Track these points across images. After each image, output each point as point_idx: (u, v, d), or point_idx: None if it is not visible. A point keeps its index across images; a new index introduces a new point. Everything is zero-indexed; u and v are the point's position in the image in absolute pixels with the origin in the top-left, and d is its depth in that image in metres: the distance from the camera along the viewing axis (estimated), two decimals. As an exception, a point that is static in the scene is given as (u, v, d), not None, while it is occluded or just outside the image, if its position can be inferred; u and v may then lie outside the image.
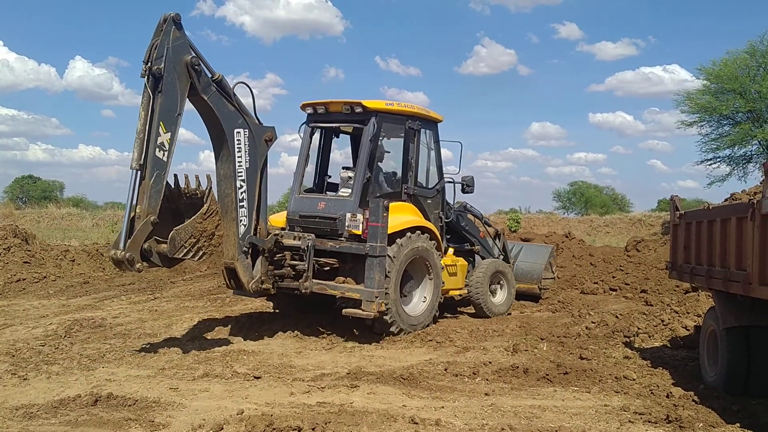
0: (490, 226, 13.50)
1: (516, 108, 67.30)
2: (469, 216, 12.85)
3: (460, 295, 12.22)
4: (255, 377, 7.57)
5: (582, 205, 55.69)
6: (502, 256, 13.27)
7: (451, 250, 11.91)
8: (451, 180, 11.86)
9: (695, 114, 29.72)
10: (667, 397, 6.72)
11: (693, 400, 6.56)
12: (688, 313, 10.21)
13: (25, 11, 66.93)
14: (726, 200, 8.15)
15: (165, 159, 8.35)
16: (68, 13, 65.80)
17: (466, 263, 12.21)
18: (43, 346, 9.04)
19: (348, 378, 7.53)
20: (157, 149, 8.26)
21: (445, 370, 7.91)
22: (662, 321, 10.06)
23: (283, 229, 10.73)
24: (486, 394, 6.93)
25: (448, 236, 12.08)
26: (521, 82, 65.10)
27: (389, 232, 9.90)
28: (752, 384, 6.78)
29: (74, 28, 66.28)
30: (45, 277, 15.86)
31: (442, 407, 6.47)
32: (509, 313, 12.43)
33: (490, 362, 8.22)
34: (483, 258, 12.71)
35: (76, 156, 70.41)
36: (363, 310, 9.70)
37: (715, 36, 60.66)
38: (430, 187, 11.51)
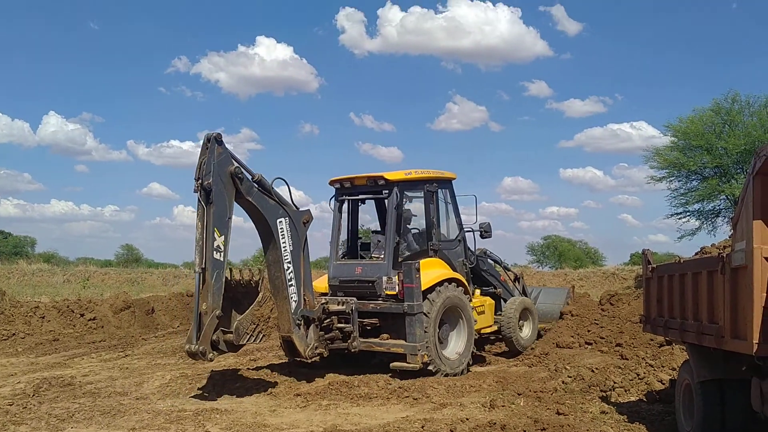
0: (509, 270, 14.70)
1: (488, 163, 68.26)
2: (490, 261, 13.94)
3: (490, 333, 13.22)
4: (228, 437, 7.43)
5: (556, 259, 56.01)
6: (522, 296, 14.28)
7: (477, 291, 13.04)
8: (470, 229, 13.08)
9: (664, 169, 30.28)
10: (645, 452, 6.69)
11: (670, 455, 6.54)
12: (663, 366, 10.24)
13: (-2, 67, 66.89)
14: (696, 254, 8.28)
15: (222, 259, 9.52)
16: (42, 68, 65.95)
17: (493, 301, 13.37)
18: (10, 405, 8.81)
19: (323, 436, 7.41)
20: (215, 252, 9.42)
21: (422, 427, 7.81)
22: (638, 375, 10.06)
23: (324, 294, 11.80)
24: (463, 452, 6.84)
25: (472, 276, 13.07)
26: (493, 138, 66.13)
27: (423, 288, 11.01)
28: (728, 437, 6.78)
29: (48, 84, 66.34)
30: (14, 334, 15.55)
31: (420, 465, 6.38)
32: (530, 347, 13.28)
33: (467, 419, 8.14)
34: (505, 300, 13.70)
35: (48, 211, 69.73)
36: (409, 363, 10.83)
37: (679, 94, 62.38)
38: (452, 238, 12.74)
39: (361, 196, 12.60)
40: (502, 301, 13.70)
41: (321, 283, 12.11)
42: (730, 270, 6.00)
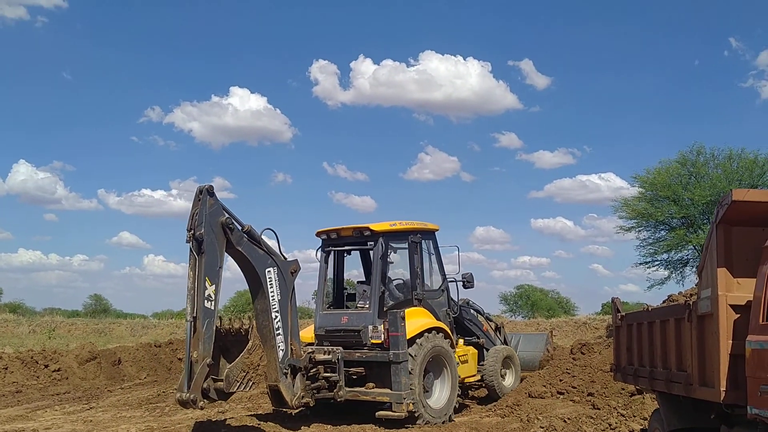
0: (491, 320, 14.96)
1: (460, 213, 68.50)
2: (472, 311, 14.23)
3: (474, 382, 13.54)
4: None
5: (528, 308, 56.05)
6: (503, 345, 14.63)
7: (461, 341, 13.21)
8: (453, 279, 13.25)
9: (632, 220, 30.66)
10: (617, 502, 6.64)
11: (642, 506, 6.49)
12: (634, 416, 10.23)
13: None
14: (664, 302, 8.36)
15: (212, 308, 9.56)
16: (13, 116, 65.34)
17: (476, 351, 13.62)
18: (-34, 460, 8.51)
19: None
20: (206, 300, 9.46)
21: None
22: (609, 425, 10.04)
23: (311, 344, 11.83)
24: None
25: (456, 326, 13.24)
26: (465, 188, 66.65)
27: (408, 337, 11.15)
28: (699, 487, 6.75)
29: (19, 132, 65.62)
30: (-26, 386, 15.08)
31: None
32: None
33: (438, 470, 8.03)
34: (487, 350, 13.93)
35: (16, 260, 68.15)
36: (394, 412, 10.93)
37: (646, 146, 63.55)
38: (435, 288, 12.95)
39: (346, 247, 12.88)
40: (484, 350, 13.90)
41: (307, 333, 12.14)
42: (696, 317, 6.07)
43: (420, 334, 11.50)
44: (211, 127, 60.81)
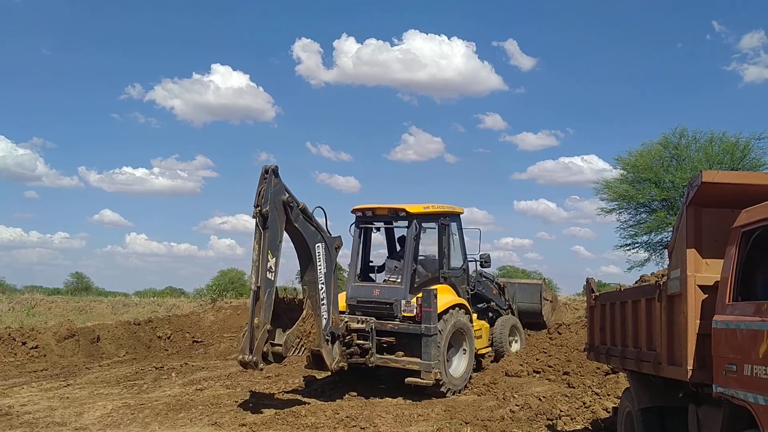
0: (497, 283, 16.14)
1: (443, 194, 68.47)
2: (485, 280, 15.36)
3: (484, 353, 14.51)
4: (167, 467, 7.25)
5: (510, 289, 56.27)
6: (508, 304, 16.04)
7: (475, 315, 14.08)
8: (472, 259, 14.40)
9: (614, 201, 30.81)
10: (586, 479, 6.72)
11: (611, 482, 6.58)
12: (608, 395, 10.34)
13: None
14: (636, 282, 8.44)
15: (273, 278, 10.46)
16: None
17: (489, 325, 14.77)
18: (-61, 437, 8.47)
19: (265, 466, 7.29)
20: (267, 272, 10.31)
21: (367, 456, 7.74)
22: (584, 403, 10.14)
23: (342, 312, 12.56)
24: (406, 480, 6.79)
25: (471, 296, 14.35)
26: (448, 169, 66.31)
27: (437, 312, 12.04)
28: (667, 465, 6.84)
29: (-2, 107, 64.56)
30: (-50, 363, 14.97)
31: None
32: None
33: (412, 447, 8.09)
34: (497, 310, 15.45)
35: (-5, 238, 67.37)
36: (422, 379, 11.84)
37: (629, 129, 63.53)
38: (458, 267, 13.90)
39: (376, 224, 13.90)
40: (497, 313, 15.31)
41: (340, 302, 12.65)
42: (666, 297, 6.12)
43: (446, 310, 12.40)
44: (192, 105, 60.05)
